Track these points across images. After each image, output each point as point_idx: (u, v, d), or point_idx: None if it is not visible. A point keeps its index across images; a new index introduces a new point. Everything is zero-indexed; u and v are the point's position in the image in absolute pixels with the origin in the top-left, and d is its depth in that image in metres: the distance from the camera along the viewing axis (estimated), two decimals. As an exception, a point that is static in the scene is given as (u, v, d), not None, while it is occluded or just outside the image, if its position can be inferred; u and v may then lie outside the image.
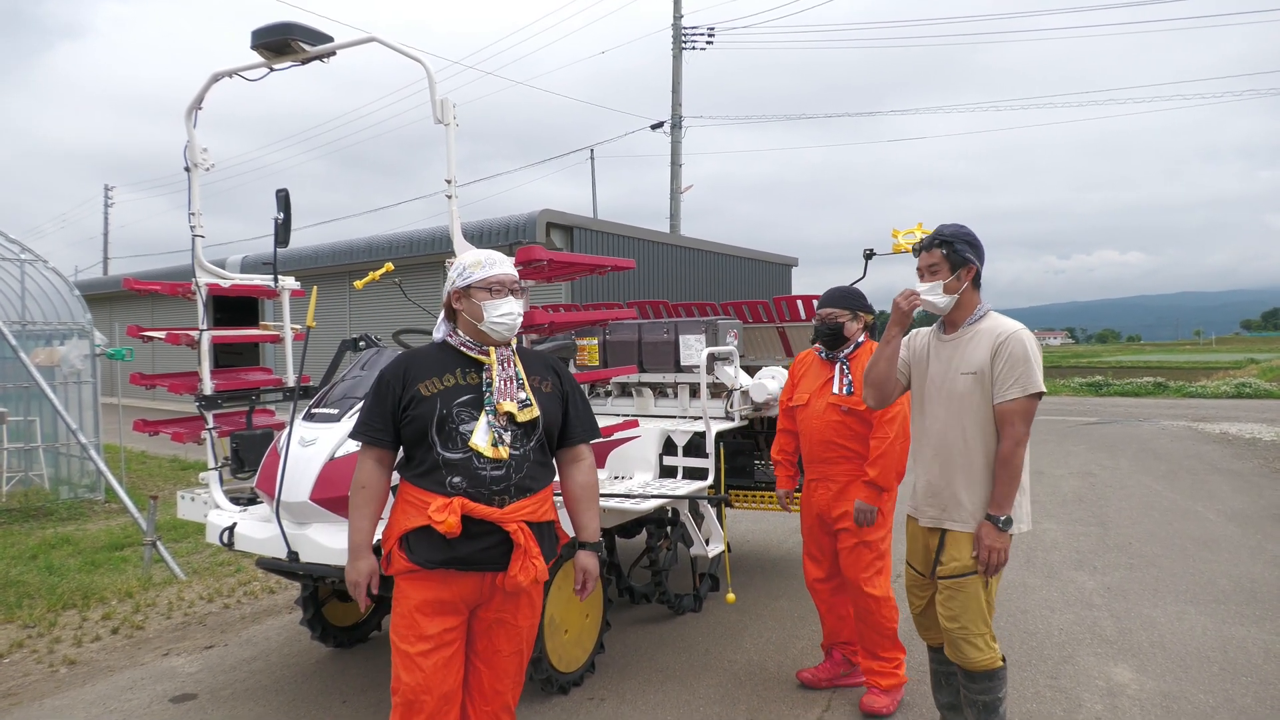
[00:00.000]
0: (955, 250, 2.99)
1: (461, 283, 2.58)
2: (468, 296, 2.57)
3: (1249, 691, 3.89)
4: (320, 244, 17.49)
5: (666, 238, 16.85)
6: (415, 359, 2.61)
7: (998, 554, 2.88)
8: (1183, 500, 8.40)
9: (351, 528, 2.55)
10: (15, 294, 9.20)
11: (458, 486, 2.45)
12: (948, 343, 3.06)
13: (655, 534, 4.90)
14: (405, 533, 2.48)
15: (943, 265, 3.01)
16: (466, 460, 2.46)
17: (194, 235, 4.12)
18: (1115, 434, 14.19)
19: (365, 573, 2.52)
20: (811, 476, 3.92)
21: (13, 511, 8.24)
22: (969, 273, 3.01)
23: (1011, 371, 2.87)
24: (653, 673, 4.19)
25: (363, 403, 2.65)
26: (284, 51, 3.74)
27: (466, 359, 2.60)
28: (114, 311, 21.45)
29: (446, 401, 2.50)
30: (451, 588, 2.49)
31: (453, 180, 3.50)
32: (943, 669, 3.22)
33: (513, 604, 2.59)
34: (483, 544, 2.47)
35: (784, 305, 5.69)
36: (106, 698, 4.02)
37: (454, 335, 2.63)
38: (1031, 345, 2.91)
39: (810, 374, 3.99)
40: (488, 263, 2.60)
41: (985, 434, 2.93)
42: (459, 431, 2.48)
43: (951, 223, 3.09)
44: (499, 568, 2.49)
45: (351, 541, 2.53)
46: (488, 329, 2.57)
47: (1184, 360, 52.38)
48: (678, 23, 20.14)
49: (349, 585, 2.54)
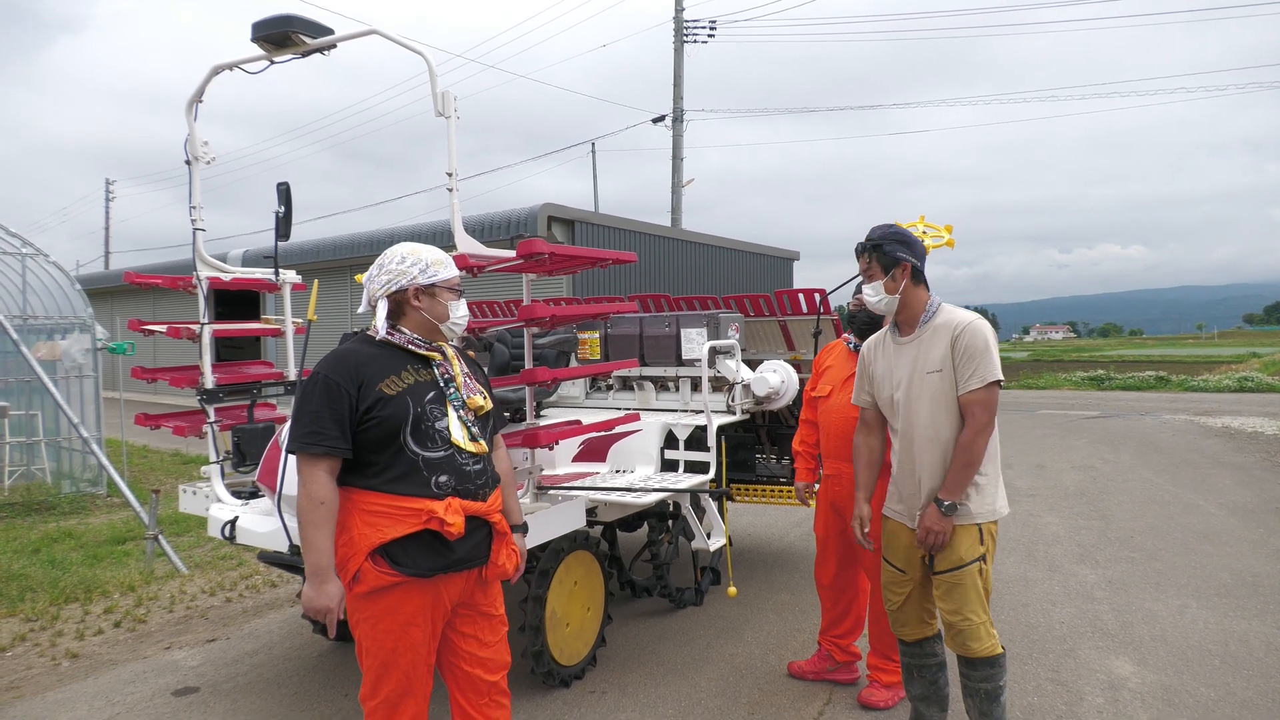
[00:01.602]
0: (884, 251, 3.03)
1: (426, 280, 2.47)
2: (432, 295, 2.49)
3: (1250, 685, 3.89)
4: (321, 238, 17.48)
5: (668, 231, 16.81)
6: (359, 358, 2.41)
7: (936, 536, 2.92)
8: (1184, 494, 8.39)
9: (312, 549, 2.29)
10: (17, 288, 9.20)
11: (446, 486, 2.38)
12: (907, 344, 3.09)
13: (657, 528, 4.90)
14: (380, 545, 2.32)
15: (875, 268, 3.07)
16: (450, 458, 2.40)
17: (195, 229, 4.12)
18: (1117, 428, 14.18)
19: (337, 597, 2.31)
20: (829, 472, 3.87)
21: (15, 505, 8.26)
22: (904, 271, 3.03)
23: (970, 362, 2.90)
24: (654, 666, 4.19)
25: (300, 409, 2.36)
26: (285, 44, 3.73)
27: (414, 356, 2.49)
28: (115, 306, 21.46)
29: (417, 399, 2.39)
30: (444, 591, 2.44)
31: (454, 173, 3.48)
32: (915, 662, 3.24)
33: (490, 594, 2.59)
34: (474, 540, 2.45)
35: (786, 299, 5.68)
36: (109, 691, 4.03)
37: (396, 333, 2.48)
38: (989, 335, 2.95)
39: (836, 366, 3.91)
40: (448, 263, 2.54)
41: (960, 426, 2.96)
42: (435, 429, 2.39)
43: (882, 224, 3.14)
44: (484, 561, 2.50)
45: (315, 564, 2.29)
46: (447, 329, 2.53)
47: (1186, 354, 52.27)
48: (679, 16, 20.08)
49: (316, 613, 2.30)
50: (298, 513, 2.33)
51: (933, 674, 3.22)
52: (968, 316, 3.00)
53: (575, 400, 5.65)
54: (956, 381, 2.93)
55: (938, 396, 2.96)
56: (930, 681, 3.22)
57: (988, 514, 2.96)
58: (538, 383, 3.50)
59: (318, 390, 2.34)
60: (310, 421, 2.32)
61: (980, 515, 2.95)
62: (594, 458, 4.62)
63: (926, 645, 3.20)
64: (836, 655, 3.98)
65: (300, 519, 2.31)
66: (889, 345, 3.17)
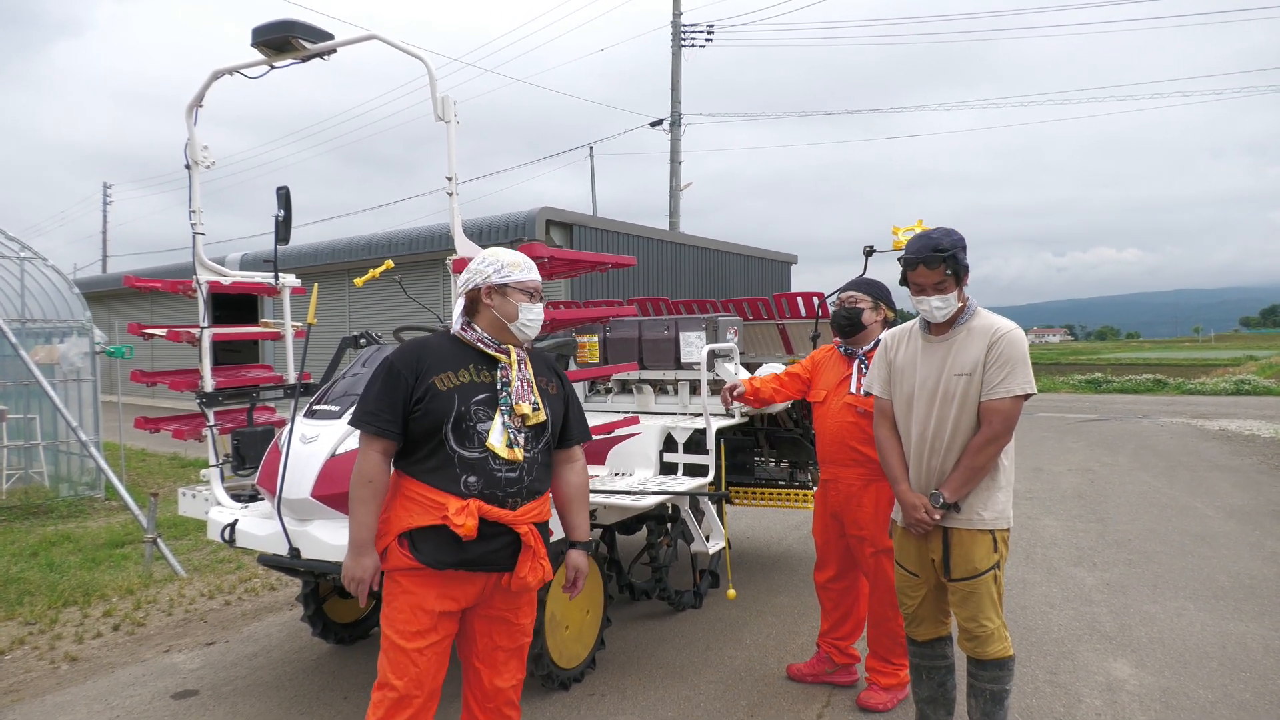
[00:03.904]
0: (958, 261, 2.93)
1: (499, 280, 2.54)
2: (503, 294, 2.54)
3: (1248, 687, 3.90)
4: (321, 241, 17.47)
5: (666, 235, 16.83)
6: (428, 349, 2.52)
7: (922, 526, 2.96)
8: (1182, 497, 8.41)
9: (355, 523, 2.44)
10: (15, 291, 9.19)
11: (473, 487, 2.43)
12: (938, 344, 3.02)
13: (656, 530, 4.91)
14: (408, 530, 2.42)
15: (950, 281, 2.93)
16: (483, 460, 2.44)
17: (194, 233, 4.13)
18: (1114, 431, 14.20)
19: (371, 569, 2.44)
20: (826, 477, 3.86)
21: (13, 509, 8.24)
22: (967, 277, 2.99)
23: (1002, 369, 2.86)
24: (653, 669, 4.20)
25: (367, 390, 2.52)
26: (285, 49, 3.74)
27: (482, 355, 2.55)
28: (113, 309, 21.44)
29: (464, 398, 2.45)
30: (456, 588, 2.47)
31: (454, 178, 3.50)
32: (925, 664, 3.23)
33: (514, 603, 2.59)
34: (493, 545, 2.46)
35: (784, 302, 5.69)
36: (108, 694, 4.03)
37: (469, 330, 2.57)
38: (1024, 346, 2.91)
39: (829, 370, 3.91)
40: (526, 266, 2.61)
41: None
42: (476, 430, 2.44)
43: (938, 227, 3.00)
44: (506, 568, 2.50)
45: (356, 537, 2.44)
46: (516, 329, 2.56)
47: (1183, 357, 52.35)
48: (677, 20, 20.12)
49: (349, 582, 2.44)
50: (350, 485, 2.46)
51: (941, 676, 3.22)
52: (1007, 324, 2.95)
53: (574, 403, 5.65)
54: (982, 385, 2.89)
55: (965, 401, 2.91)
56: (938, 684, 3.22)
57: (1002, 521, 2.96)
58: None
59: (382, 374, 2.47)
60: (370, 401, 2.46)
61: (994, 523, 2.95)
62: (593, 461, 4.62)
63: (938, 647, 3.20)
64: (835, 657, 3.98)
65: (350, 492, 2.45)
66: (916, 340, 3.10)
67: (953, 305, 2.96)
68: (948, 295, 2.94)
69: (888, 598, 3.61)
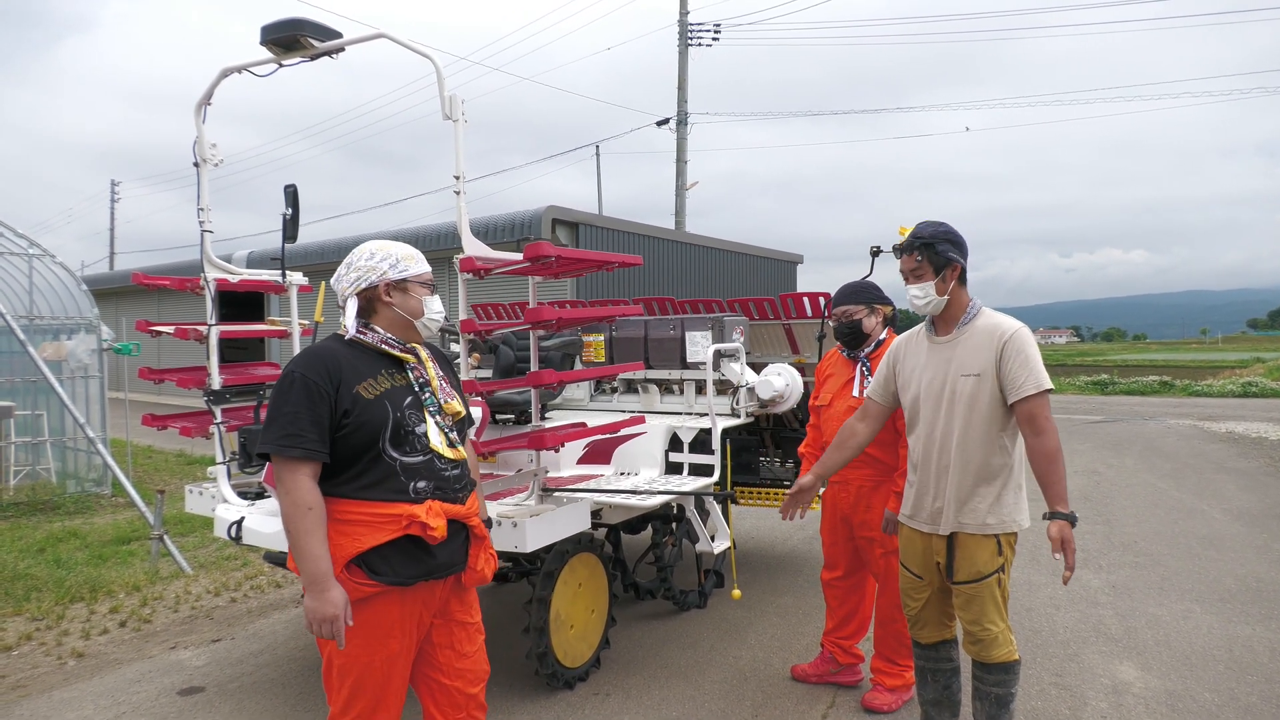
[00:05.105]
0: (936, 251, 2.92)
1: (397, 275, 2.38)
2: (404, 290, 2.40)
3: (1254, 690, 3.89)
4: (328, 239, 17.52)
5: (672, 234, 16.83)
6: (336, 358, 2.28)
7: (1068, 544, 2.75)
8: (1188, 499, 8.38)
9: (307, 558, 2.14)
10: (23, 288, 9.23)
11: (424, 491, 2.30)
12: (943, 344, 3.01)
13: (660, 530, 4.91)
14: (359, 554, 2.22)
15: (925, 268, 2.94)
16: (429, 463, 2.32)
17: (203, 231, 4.14)
18: (1121, 432, 14.16)
19: (340, 603, 2.16)
20: (834, 478, 3.85)
21: (20, 505, 8.28)
22: (954, 272, 2.95)
23: (1023, 369, 2.83)
24: (658, 668, 4.20)
25: (276, 408, 2.22)
26: (293, 48, 3.75)
27: (388, 358, 2.39)
28: (120, 306, 21.52)
29: (395, 404, 2.29)
30: (423, 599, 2.36)
31: (461, 176, 3.50)
32: (930, 666, 3.22)
33: (467, 602, 2.52)
34: (453, 545, 2.38)
35: (790, 302, 5.68)
36: (114, 690, 4.04)
37: (369, 332, 2.38)
38: (1034, 343, 2.90)
39: (835, 374, 3.94)
40: (419, 258, 2.46)
41: (989, 435, 2.91)
42: (414, 434, 2.31)
43: (931, 220, 3.01)
44: (463, 567, 2.44)
45: (315, 571, 2.14)
46: (422, 325, 2.45)
47: (1190, 359, 52.16)
48: (684, 19, 20.12)
49: (320, 625, 2.14)
50: (284, 522, 2.18)
51: (946, 679, 3.21)
52: (1014, 323, 2.93)
53: (580, 403, 5.66)
54: (1004, 388, 2.85)
55: (974, 402, 2.89)
56: (944, 686, 3.21)
57: (1007, 525, 2.94)
58: (543, 385, 3.51)
59: (295, 389, 2.20)
60: (287, 422, 2.17)
61: (998, 527, 2.93)
62: (599, 460, 4.62)
63: (943, 649, 3.20)
64: (840, 657, 3.98)
65: (288, 528, 2.17)
66: (922, 342, 3.09)
67: (931, 295, 2.95)
68: (925, 284, 2.94)
69: (896, 599, 3.60)
